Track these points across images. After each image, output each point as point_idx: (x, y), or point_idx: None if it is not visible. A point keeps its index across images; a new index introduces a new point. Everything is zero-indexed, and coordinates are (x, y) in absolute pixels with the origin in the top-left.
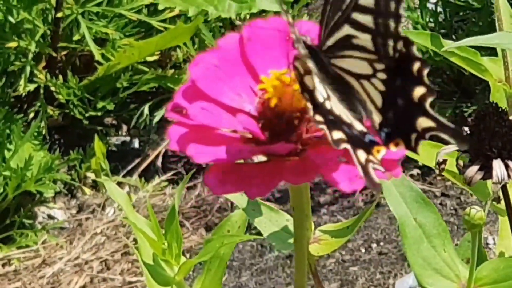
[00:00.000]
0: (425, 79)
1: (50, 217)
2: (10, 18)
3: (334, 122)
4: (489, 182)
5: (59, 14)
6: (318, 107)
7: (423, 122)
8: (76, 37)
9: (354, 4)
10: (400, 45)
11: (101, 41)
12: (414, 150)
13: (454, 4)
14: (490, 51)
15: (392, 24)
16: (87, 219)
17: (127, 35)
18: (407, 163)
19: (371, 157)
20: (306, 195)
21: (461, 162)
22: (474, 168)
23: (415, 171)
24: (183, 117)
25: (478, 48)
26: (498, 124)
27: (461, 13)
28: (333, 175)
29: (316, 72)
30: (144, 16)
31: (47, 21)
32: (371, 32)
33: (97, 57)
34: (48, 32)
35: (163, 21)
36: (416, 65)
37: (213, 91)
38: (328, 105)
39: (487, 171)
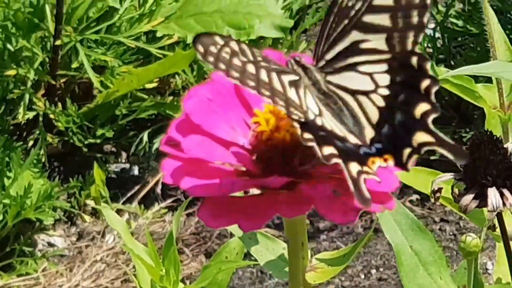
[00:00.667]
0: (432, 97)
1: (50, 244)
2: (9, 45)
3: (325, 137)
4: (485, 209)
5: (58, 42)
6: (306, 125)
7: (420, 137)
8: (75, 65)
9: (368, 5)
10: (414, 60)
11: (100, 69)
12: (404, 166)
13: (452, 30)
14: (486, 77)
15: (415, 16)
16: (87, 246)
17: (126, 62)
18: (406, 189)
19: (365, 168)
20: (301, 226)
21: (456, 190)
22: (469, 197)
23: (414, 197)
24: (177, 151)
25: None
26: (493, 152)
27: (459, 39)
28: (327, 207)
29: (308, 89)
30: (143, 43)
31: (45, 49)
32: (386, 30)
33: (96, 84)
34: (47, 59)
35: (162, 48)
36: (426, 83)
37: (207, 125)
38: (319, 121)
39: (482, 199)
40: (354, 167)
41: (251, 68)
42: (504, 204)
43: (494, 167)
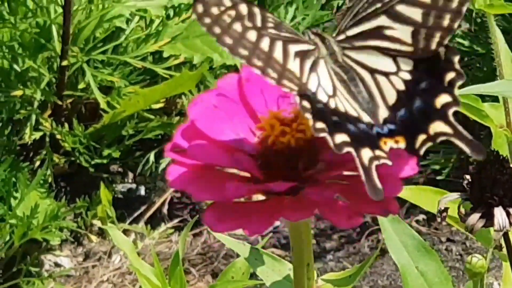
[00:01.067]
0: (456, 90)
1: (57, 264)
2: (15, 66)
3: (338, 123)
4: (492, 228)
5: (64, 62)
6: (319, 112)
7: (438, 126)
8: (81, 85)
9: None
10: (442, 46)
11: (106, 89)
12: (416, 151)
13: (459, 50)
14: (493, 96)
15: (446, 19)
16: (93, 266)
17: (133, 83)
18: (412, 209)
19: (377, 152)
20: (307, 236)
21: (462, 210)
22: (475, 216)
23: (421, 217)
24: (182, 157)
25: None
26: (499, 172)
27: (465, 59)
28: (331, 212)
29: (324, 63)
30: (149, 64)
31: (52, 69)
32: (415, 24)
33: (103, 105)
34: (54, 80)
35: (168, 68)
36: (451, 75)
37: (212, 131)
38: (332, 103)
39: (488, 219)
40: (366, 153)
41: (251, 35)
42: (510, 223)
43: (500, 186)
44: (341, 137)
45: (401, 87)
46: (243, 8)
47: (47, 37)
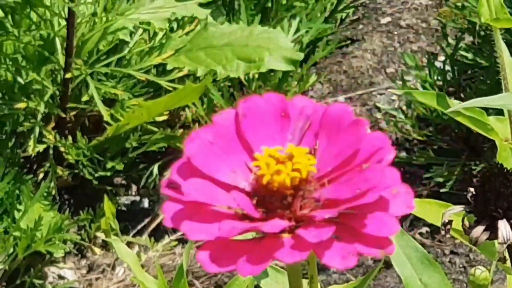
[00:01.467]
0: None
1: (60, 277)
2: (19, 78)
3: None
4: (496, 241)
5: (68, 75)
6: None
7: None
8: (85, 98)
9: None
10: None
11: (110, 102)
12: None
13: (462, 63)
14: (498, 109)
15: None
16: (97, 279)
17: (136, 95)
18: (416, 222)
19: None
20: (312, 259)
21: (467, 223)
22: (479, 229)
23: (424, 229)
24: (177, 194)
25: (485, 107)
26: (503, 185)
27: (469, 72)
28: (326, 253)
29: None
30: (153, 76)
31: (56, 82)
32: None
33: (106, 117)
34: (57, 92)
35: (172, 81)
36: None
37: (208, 168)
38: None
39: (492, 232)
40: None
41: None
42: None
43: (504, 199)
44: None
45: None
46: None
47: (51, 50)
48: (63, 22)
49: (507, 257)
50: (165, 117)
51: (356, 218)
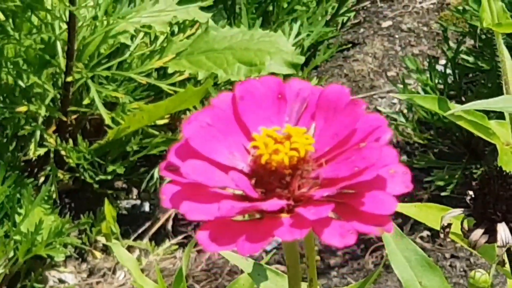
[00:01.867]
0: None
1: (61, 281)
2: (20, 82)
3: None
4: (496, 244)
5: (69, 78)
6: None
7: None
8: (86, 101)
9: None
10: None
11: (111, 105)
12: None
13: (463, 66)
14: (499, 113)
15: None
16: (97, 283)
17: (137, 99)
18: (416, 225)
19: None
20: (311, 253)
21: (466, 226)
22: (478, 232)
23: (425, 233)
24: (176, 175)
25: (487, 110)
26: (503, 188)
27: (470, 75)
28: (325, 230)
29: None
30: (154, 80)
31: (57, 85)
32: None
33: (107, 121)
34: (58, 96)
35: (173, 84)
36: None
37: (206, 149)
38: None
39: (491, 235)
40: None
41: None
42: None
43: (503, 202)
44: None
45: None
46: None
47: (52, 53)
48: (64, 26)
49: (507, 260)
50: (166, 121)
51: (354, 197)
